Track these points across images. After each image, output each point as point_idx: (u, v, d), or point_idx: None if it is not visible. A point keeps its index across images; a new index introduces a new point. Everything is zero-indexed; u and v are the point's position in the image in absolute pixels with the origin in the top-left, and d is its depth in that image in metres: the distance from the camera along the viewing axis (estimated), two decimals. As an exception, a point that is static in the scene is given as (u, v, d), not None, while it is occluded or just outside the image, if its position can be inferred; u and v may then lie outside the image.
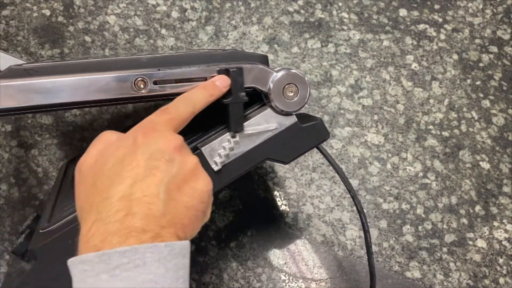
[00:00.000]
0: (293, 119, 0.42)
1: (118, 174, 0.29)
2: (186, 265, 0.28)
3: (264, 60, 0.42)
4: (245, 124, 0.40)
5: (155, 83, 0.38)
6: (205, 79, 0.39)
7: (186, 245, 0.29)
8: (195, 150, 0.39)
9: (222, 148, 0.39)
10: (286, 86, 0.41)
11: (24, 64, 0.38)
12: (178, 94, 0.38)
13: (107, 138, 0.33)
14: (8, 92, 0.35)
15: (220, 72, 0.39)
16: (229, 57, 0.40)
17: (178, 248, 0.28)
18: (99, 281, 0.27)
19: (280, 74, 0.40)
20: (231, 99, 0.39)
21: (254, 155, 0.41)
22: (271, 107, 0.41)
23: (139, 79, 0.37)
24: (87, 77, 0.37)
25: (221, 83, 0.39)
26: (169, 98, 0.39)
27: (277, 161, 0.42)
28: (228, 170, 0.40)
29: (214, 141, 0.39)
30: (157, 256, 0.27)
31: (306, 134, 0.42)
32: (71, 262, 0.29)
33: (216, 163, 0.39)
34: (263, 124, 0.41)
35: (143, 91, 0.37)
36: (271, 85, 0.40)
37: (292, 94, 0.41)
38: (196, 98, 0.37)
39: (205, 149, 0.39)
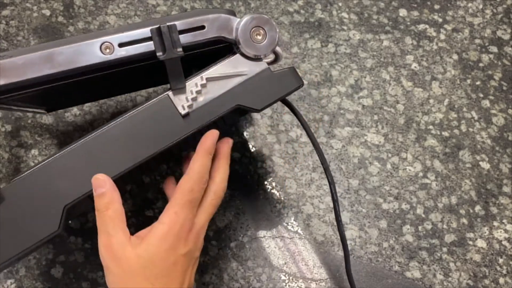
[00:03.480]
0: (263, 65, 0.42)
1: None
2: None
3: (230, 12, 0.42)
4: (213, 69, 0.41)
5: (120, 45, 0.39)
6: None
7: None
8: (163, 96, 0.40)
9: (190, 92, 0.40)
10: (253, 30, 0.41)
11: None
12: (144, 54, 0.40)
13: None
14: None
15: (152, 31, 0.39)
16: (192, 14, 0.41)
17: None
18: None
19: (244, 19, 0.41)
20: (165, 55, 0.39)
21: (224, 101, 0.41)
22: (241, 54, 0.41)
23: (105, 43, 0.39)
24: (56, 49, 0.38)
25: (212, 138, 0.40)
26: (137, 60, 0.40)
27: (249, 109, 0.41)
28: (197, 116, 0.40)
29: (192, 80, 0.40)
30: None
31: (278, 81, 0.42)
32: None
33: (183, 107, 0.39)
34: (232, 70, 0.41)
35: (110, 55, 0.39)
36: (238, 31, 0.41)
37: (260, 37, 0.41)
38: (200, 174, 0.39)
39: (172, 94, 0.40)
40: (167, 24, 0.39)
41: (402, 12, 0.65)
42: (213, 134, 0.40)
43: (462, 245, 0.55)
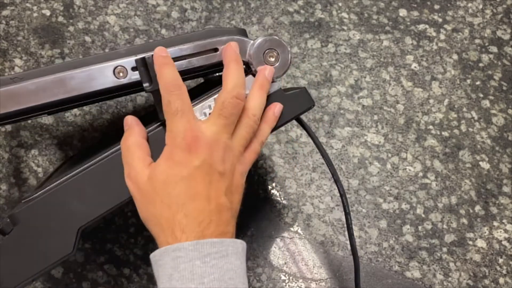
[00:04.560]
0: (275, 87, 0.42)
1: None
2: (245, 260, 0.35)
3: (242, 32, 0.42)
4: None
5: (133, 69, 0.39)
6: (177, 59, 0.40)
7: (245, 245, 0.36)
8: None
9: (203, 114, 0.40)
10: (266, 52, 0.41)
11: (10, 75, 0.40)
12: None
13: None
14: None
15: (137, 61, 0.38)
16: (205, 35, 0.41)
17: (244, 246, 0.35)
18: (193, 267, 0.31)
19: (258, 41, 0.41)
20: (151, 87, 0.38)
21: None
22: (253, 75, 0.41)
23: (119, 67, 0.39)
24: (68, 73, 0.38)
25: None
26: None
27: None
28: None
29: (198, 106, 0.40)
30: (235, 250, 0.33)
31: (289, 102, 0.42)
32: (164, 251, 0.32)
33: None
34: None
35: (124, 79, 0.39)
36: (251, 54, 0.41)
37: (273, 59, 0.41)
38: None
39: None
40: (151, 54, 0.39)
41: (402, 12, 0.65)
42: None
43: (462, 245, 0.55)
